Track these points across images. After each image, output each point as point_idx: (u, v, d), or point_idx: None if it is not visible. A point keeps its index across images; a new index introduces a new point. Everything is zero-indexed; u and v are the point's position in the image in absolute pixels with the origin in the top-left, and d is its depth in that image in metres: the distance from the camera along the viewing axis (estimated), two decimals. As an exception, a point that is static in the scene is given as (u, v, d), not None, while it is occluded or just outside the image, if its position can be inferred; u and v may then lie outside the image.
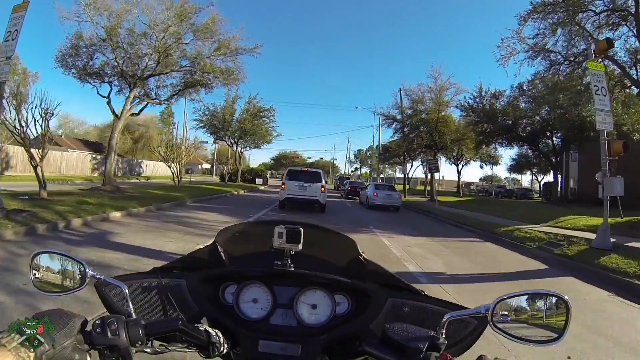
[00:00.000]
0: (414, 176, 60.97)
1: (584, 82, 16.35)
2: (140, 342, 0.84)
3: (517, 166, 63.91)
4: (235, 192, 26.75)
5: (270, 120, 40.03)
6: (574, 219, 14.92)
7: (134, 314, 0.93)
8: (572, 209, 21.07)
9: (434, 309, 1.07)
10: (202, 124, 39.40)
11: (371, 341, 0.92)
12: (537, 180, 64.83)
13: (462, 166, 46.77)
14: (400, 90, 34.67)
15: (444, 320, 0.90)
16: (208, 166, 71.95)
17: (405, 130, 34.87)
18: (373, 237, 10.50)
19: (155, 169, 49.52)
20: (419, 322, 0.99)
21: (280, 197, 17.52)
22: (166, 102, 22.08)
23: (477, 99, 29.40)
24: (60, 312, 0.80)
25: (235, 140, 40.26)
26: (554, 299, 0.89)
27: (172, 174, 27.05)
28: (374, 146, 73.62)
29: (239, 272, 1.18)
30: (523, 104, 27.59)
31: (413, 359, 0.82)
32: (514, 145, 33.11)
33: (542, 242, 10.55)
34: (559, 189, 39.42)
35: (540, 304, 0.91)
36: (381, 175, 58.24)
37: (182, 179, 27.81)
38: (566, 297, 0.88)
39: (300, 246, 1.15)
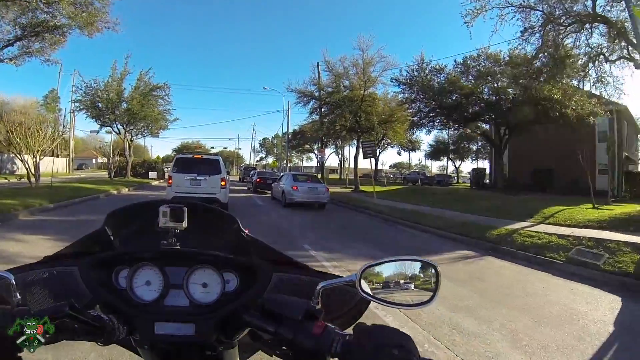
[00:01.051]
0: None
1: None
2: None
3: (435, 152, 64.15)
4: (115, 192, 20.70)
5: (165, 102, 33.39)
6: (563, 212, 12.00)
7: (21, 304, 0.86)
8: (524, 197, 18.81)
9: (314, 281, 1.00)
10: (82, 106, 31.58)
11: (252, 312, 0.92)
12: (454, 166, 65.56)
13: (380, 152, 43.90)
14: (318, 65, 30.32)
15: (317, 288, 0.91)
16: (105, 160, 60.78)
17: (323, 110, 30.67)
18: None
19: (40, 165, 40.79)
20: (301, 294, 0.96)
21: (167, 196, 12.48)
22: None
23: (417, 72, 25.82)
24: None
25: (124, 125, 32.88)
26: (422, 265, 0.93)
27: (27, 170, 19.55)
28: (283, 132, 69.47)
29: (129, 254, 1.14)
30: (465, 81, 25.00)
31: (289, 326, 0.83)
32: (452, 127, 30.33)
33: (567, 251, 7.53)
34: (487, 175, 38.37)
35: (410, 270, 0.93)
36: (290, 164, 54.29)
37: (66, 175, 20.98)
38: (435, 263, 0.91)
39: (185, 224, 1.12)
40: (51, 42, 15.74)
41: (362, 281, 0.90)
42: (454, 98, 25.28)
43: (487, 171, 39.38)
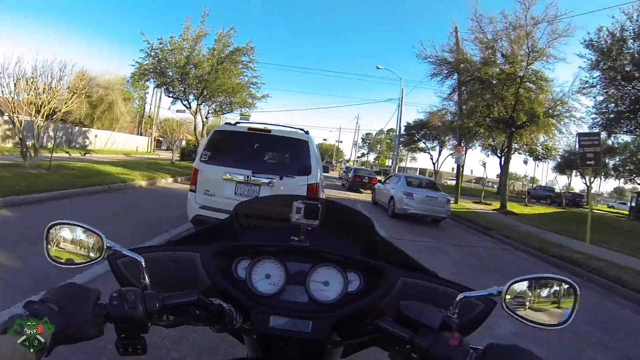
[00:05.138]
0: (439, 169, 48.02)
1: None
2: (155, 315, 0.83)
3: (565, 165, 52.20)
4: (145, 183, 13.55)
5: (251, 69, 25.58)
6: None
7: (149, 287, 0.89)
8: None
9: (445, 290, 1.05)
10: (145, 72, 24.86)
11: (387, 318, 0.89)
12: (585, 184, 52.52)
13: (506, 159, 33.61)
14: (456, 30, 21.18)
15: (457, 299, 0.89)
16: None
17: (464, 91, 21.30)
18: None
19: (113, 141, 38.20)
20: (430, 302, 0.96)
21: (189, 215, 6.15)
22: None
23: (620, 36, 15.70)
24: (74, 286, 0.82)
25: (197, 98, 25.87)
26: (565, 285, 0.90)
27: (21, 143, 12.24)
28: (389, 127, 60.70)
29: (252, 247, 1.16)
30: None
31: (426, 335, 0.81)
32: None
33: None
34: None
35: (550, 289, 0.92)
36: (400, 164, 45.72)
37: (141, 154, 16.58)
38: (575, 284, 0.88)
39: (318, 222, 1.15)
40: None
41: (506, 296, 0.87)
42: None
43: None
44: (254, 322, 1.00)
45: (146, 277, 0.90)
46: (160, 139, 48.86)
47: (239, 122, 7.55)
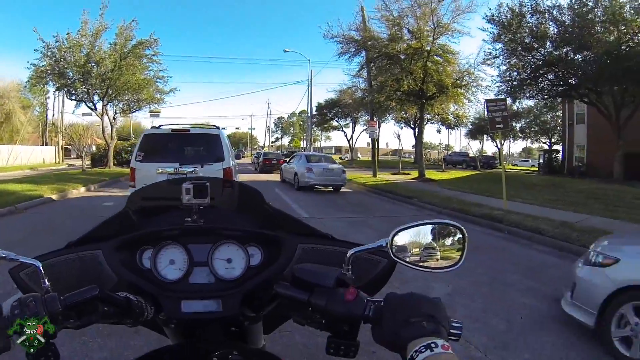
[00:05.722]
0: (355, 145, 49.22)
1: None
2: (60, 317, 0.79)
3: (476, 130, 55.43)
4: (75, 191, 12.47)
5: (156, 63, 24.36)
6: None
7: (51, 290, 0.85)
8: None
9: (341, 250, 1.04)
10: (42, 74, 22.71)
11: (282, 283, 0.91)
12: (497, 146, 56.08)
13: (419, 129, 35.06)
14: (362, 9, 21.54)
15: (348, 255, 0.89)
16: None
17: (373, 67, 21.88)
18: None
19: (15, 156, 33.79)
20: (330, 264, 0.96)
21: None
22: None
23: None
24: None
25: (102, 99, 24.23)
26: (451, 229, 0.91)
27: None
28: (299, 110, 60.64)
29: (152, 233, 1.15)
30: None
31: (322, 294, 0.82)
32: (575, 94, 20.41)
33: None
34: (559, 159, 30.39)
35: (438, 232, 0.92)
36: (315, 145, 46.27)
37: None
38: (460, 226, 0.89)
39: (208, 200, 1.13)
40: None
41: (393, 246, 0.88)
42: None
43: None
44: (166, 309, 1.00)
45: (46, 281, 0.87)
46: (69, 147, 45.12)
47: (162, 125, 8.67)
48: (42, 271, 0.88)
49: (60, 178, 16.97)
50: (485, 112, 11.81)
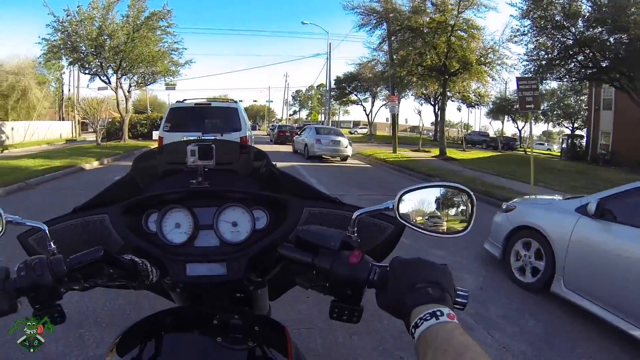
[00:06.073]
0: (374, 120, 48.27)
1: None
2: (66, 279, 0.78)
3: (497, 110, 53.82)
4: (88, 165, 12.42)
5: (170, 35, 23.82)
6: None
7: (57, 253, 0.83)
8: None
9: (348, 214, 0.98)
10: (55, 50, 22.48)
11: (286, 245, 0.88)
12: (517, 127, 54.82)
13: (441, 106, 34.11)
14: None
15: (353, 217, 0.87)
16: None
17: (395, 41, 21.02)
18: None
19: (32, 132, 33.22)
20: (335, 227, 0.92)
21: None
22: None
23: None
24: None
25: (116, 72, 23.84)
26: (462, 194, 0.88)
27: None
28: (318, 83, 59.78)
29: (157, 196, 1.13)
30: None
31: (326, 256, 0.80)
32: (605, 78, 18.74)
33: None
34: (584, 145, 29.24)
35: (446, 196, 0.90)
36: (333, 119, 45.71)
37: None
38: (469, 190, 0.86)
39: (213, 162, 1.14)
40: None
41: (400, 208, 0.85)
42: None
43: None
44: (171, 273, 0.99)
45: (52, 244, 0.85)
46: (85, 121, 45.49)
47: (186, 100, 9.86)
48: (49, 235, 0.87)
49: (74, 152, 16.82)
50: (516, 90, 11.12)
